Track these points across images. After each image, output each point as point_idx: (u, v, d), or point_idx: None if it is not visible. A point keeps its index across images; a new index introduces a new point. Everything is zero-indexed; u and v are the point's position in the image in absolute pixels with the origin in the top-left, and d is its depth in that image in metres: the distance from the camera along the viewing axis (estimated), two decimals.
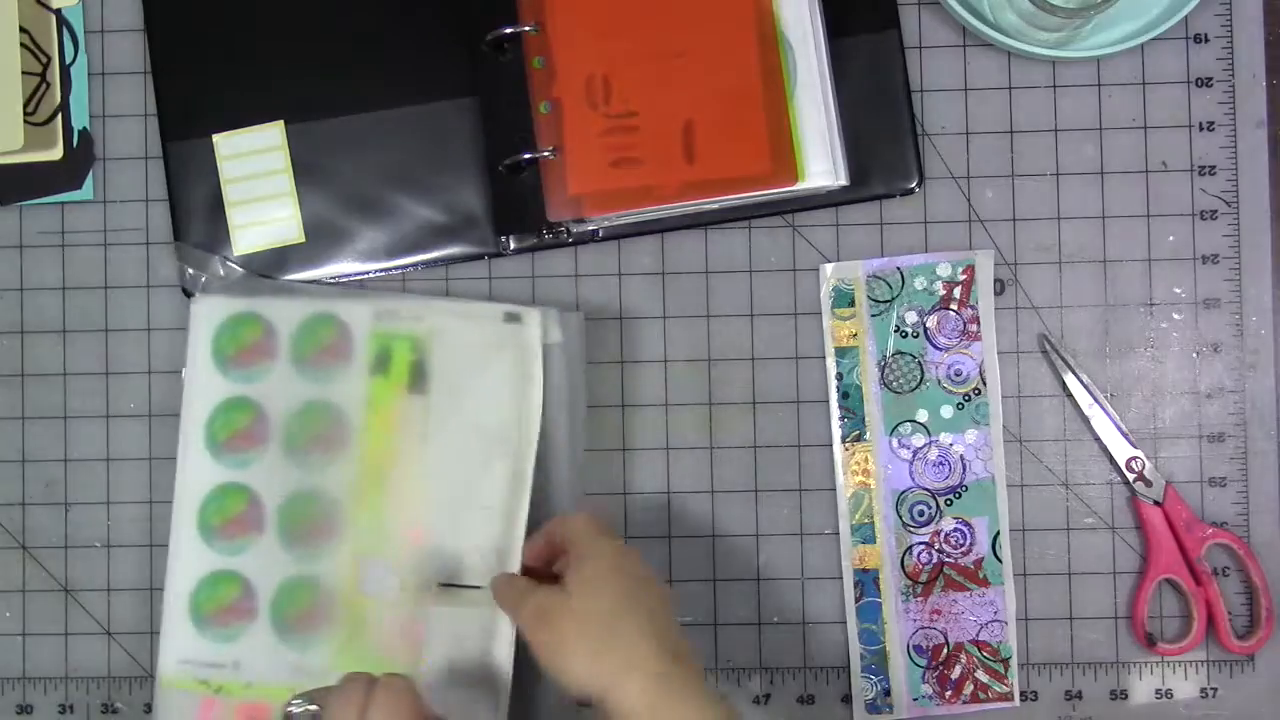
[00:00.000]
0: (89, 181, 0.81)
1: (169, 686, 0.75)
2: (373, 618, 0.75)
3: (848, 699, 0.79)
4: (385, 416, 0.75)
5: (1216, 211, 0.80)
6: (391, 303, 0.76)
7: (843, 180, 0.77)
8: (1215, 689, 0.79)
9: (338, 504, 0.75)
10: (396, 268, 0.80)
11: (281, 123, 0.80)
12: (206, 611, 0.76)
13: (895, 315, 0.80)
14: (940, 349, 0.80)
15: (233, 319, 0.76)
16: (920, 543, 0.79)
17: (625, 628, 0.64)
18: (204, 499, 0.76)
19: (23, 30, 0.81)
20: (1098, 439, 0.79)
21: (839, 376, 0.80)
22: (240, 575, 0.76)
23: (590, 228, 0.79)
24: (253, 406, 0.76)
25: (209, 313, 0.77)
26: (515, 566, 0.73)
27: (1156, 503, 0.79)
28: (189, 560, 0.76)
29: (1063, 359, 0.79)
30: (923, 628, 0.79)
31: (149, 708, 0.79)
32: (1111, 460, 0.79)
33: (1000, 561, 0.79)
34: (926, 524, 0.79)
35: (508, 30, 0.78)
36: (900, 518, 0.80)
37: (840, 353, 0.80)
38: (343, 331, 0.76)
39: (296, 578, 0.75)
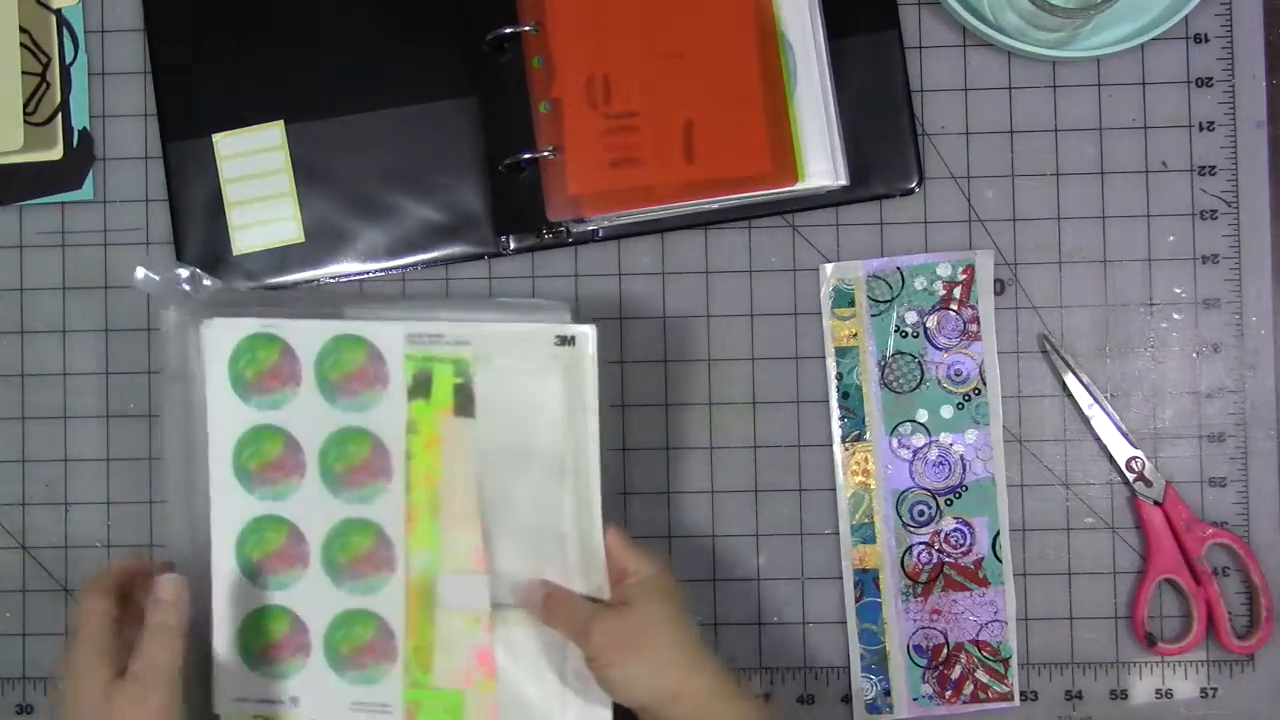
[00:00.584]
0: (89, 181, 0.81)
1: None
2: (440, 648, 0.72)
3: (848, 699, 0.79)
4: (431, 442, 0.71)
5: (1216, 211, 0.80)
6: (425, 324, 0.72)
7: (843, 180, 0.77)
8: (1215, 689, 0.79)
9: (388, 534, 0.72)
10: (396, 268, 0.80)
11: (281, 123, 0.80)
12: (256, 648, 0.73)
13: (895, 315, 0.80)
14: (940, 349, 0.80)
15: (248, 341, 0.72)
16: (920, 543, 0.79)
17: (686, 634, 0.67)
18: (240, 533, 0.73)
19: (23, 30, 0.80)
20: (1098, 439, 0.79)
21: (839, 376, 0.80)
22: (288, 611, 0.73)
23: (590, 228, 0.79)
24: (281, 435, 0.72)
25: (221, 336, 0.72)
26: (604, 593, 0.70)
27: (1156, 503, 0.79)
28: (233, 597, 0.73)
29: (1063, 359, 0.79)
30: (923, 628, 0.79)
31: None
32: (1111, 460, 0.79)
33: (1000, 561, 0.79)
34: (926, 524, 0.79)
35: (508, 30, 0.78)
36: (900, 518, 0.80)
37: (840, 353, 0.80)
38: (373, 355, 0.71)
39: (350, 611, 0.72)
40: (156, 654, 0.66)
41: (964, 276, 0.80)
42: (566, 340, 0.71)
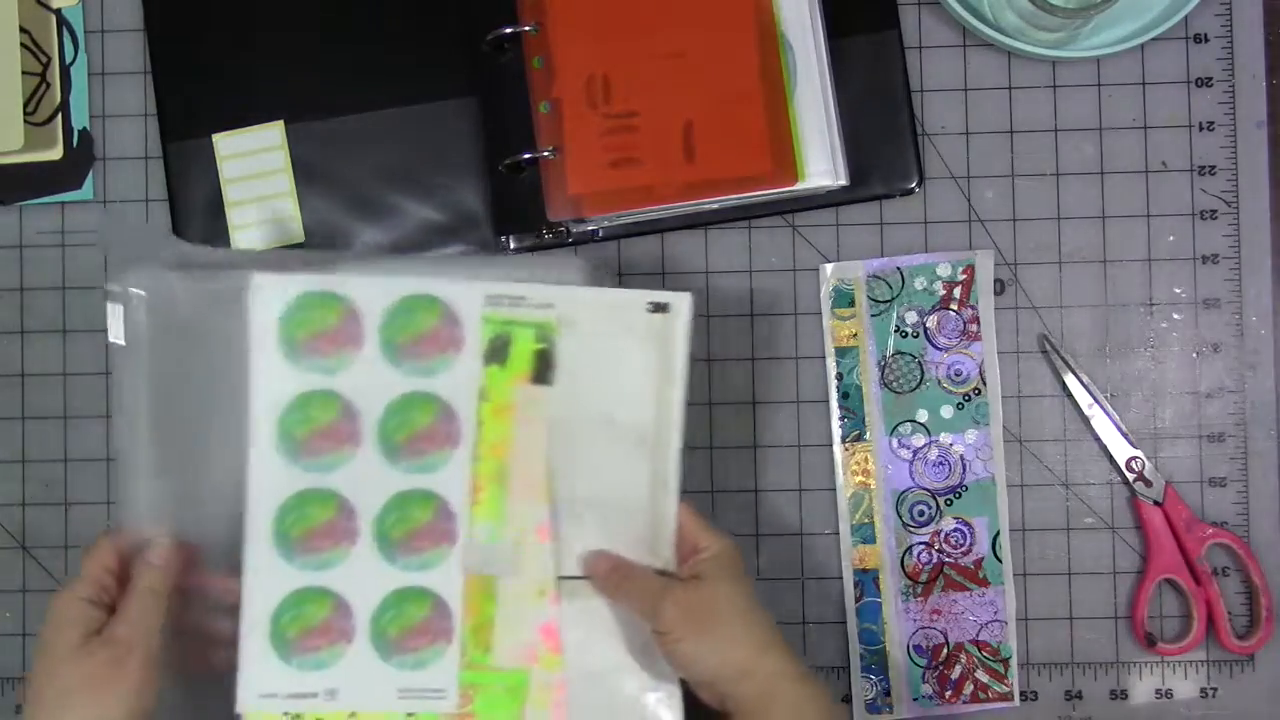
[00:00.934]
0: (89, 181, 0.81)
1: None
2: (501, 625, 0.69)
3: (848, 699, 0.79)
4: (503, 410, 0.68)
5: (1216, 211, 0.80)
6: (506, 285, 0.68)
7: (843, 180, 0.77)
8: (1215, 689, 0.79)
9: (450, 505, 0.68)
10: None
11: (281, 123, 0.80)
12: (291, 636, 0.68)
13: (895, 315, 0.80)
14: (940, 349, 0.80)
15: (304, 300, 0.67)
16: (920, 543, 0.79)
17: (757, 613, 0.66)
18: (280, 509, 0.68)
19: (23, 30, 0.81)
20: (1098, 439, 0.79)
21: (839, 376, 0.80)
22: (331, 592, 0.68)
23: (590, 228, 0.79)
24: (337, 401, 0.68)
25: (273, 293, 0.67)
26: (670, 567, 0.69)
27: (1156, 503, 0.79)
28: (266, 580, 0.67)
29: (1063, 359, 0.79)
30: (923, 628, 0.79)
31: None
32: (1111, 460, 0.79)
33: (1000, 561, 0.79)
34: (926, 524, 0.79)
35: (508, 30, 0.78)
36: (900, 518, 0.80)
37: (840, 353, 0.80)
38: (447, 317, 0.68)
39: (403, 590, 0.68)
40: (140, 617, 0.64)
41: (964, 276, 0.80)
42: (660, 307, 0.68)
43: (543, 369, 0.68)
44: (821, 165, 0.77)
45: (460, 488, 0.68)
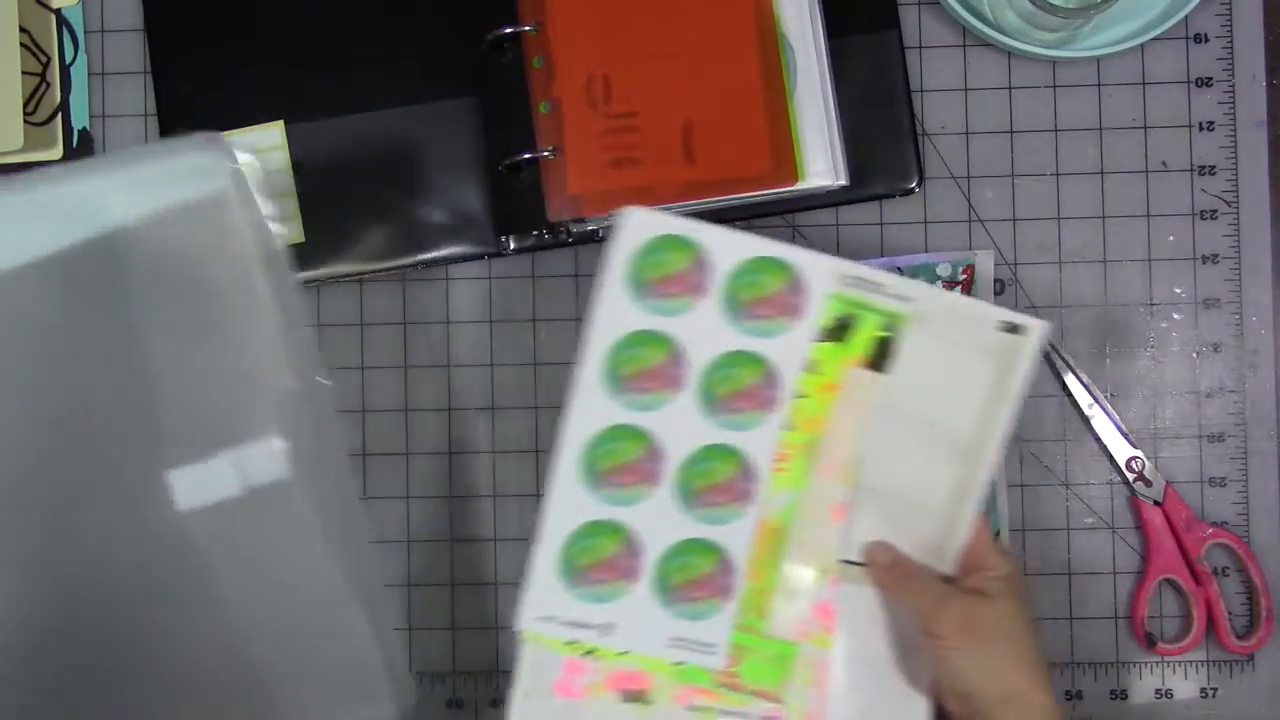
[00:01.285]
0: None
1: (530, 641, 0.69)
2: (781, 595, 0.69)
3: None
4: (828, 387, 0.68)
5: (1216, 211, 0.80)
6: (864, 269, 0.69)
7: (843, 180, 0.77)
8: (1215, 689, 0.79)
9: (754, 466, 0.68)
10: (396, 267, 0.80)
11: (281, 123, 0.80)
12: (580, 565, 0.68)
13: None
14: None
15: (661, 240, 0.68)
16: None
17: (1035, 642, 0.65)
18: (594, 439, 0.68)
19: (23, 30, 0.80)
20: (1098, 439, 0.79)
21: None
22: (626, 528, 0.68)
23: (590, 228, 0.79)
24: (669, 345, 0.68)
25: (638, 228, 0.68)
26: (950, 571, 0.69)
27: (1156, 503, 0.79)
28: (566, 505, 0.68)
29: (1063, 359, 0.79)
30: None
31: None
32: (1111, 460, 0.79)
33: None
34: None
35: (508, 30, 0.78)
36: None
37: None
38: (795, 285, 0.68)
39: (694, 540, 0.68)
40: None
41: (964, 276, 0.80)
42: (1014, 329, 0.68)
43: (880, 357, 0.69)
44: (821, 165, 0.77)
45: (768, 451, 0.69)
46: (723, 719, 0.69)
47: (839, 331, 0.68)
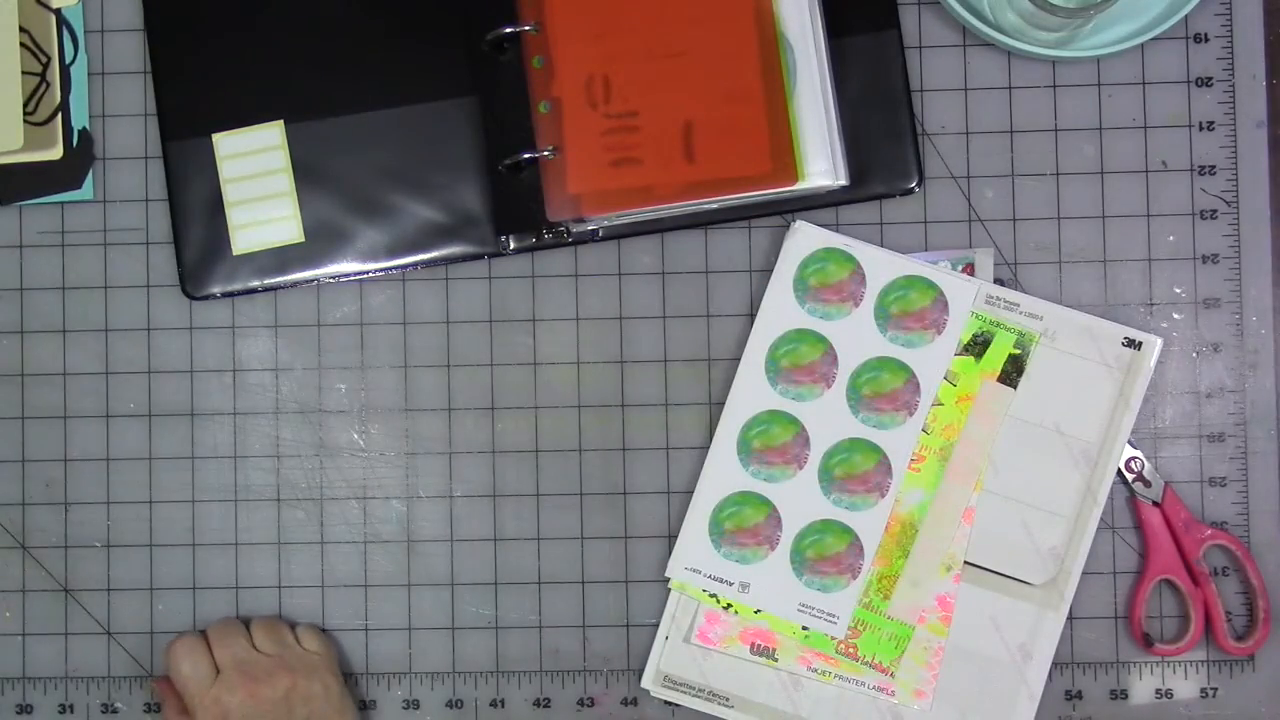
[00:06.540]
0: (89, 181, 0.81)
1: (675, 589, 0.77)
2: (905, 582, 0.76)
3: None
4: (964, 398, 0.77)
5: (1216, 211, 0.80)
6: (1004, 290, 0.77)
7: (843, 180, 0.77)
8: (1215, 689, 0.79)
9: (891, 462, 0.77)
10: (396, 267, 0.80)
11: (281, 123, 0.80)
12: (727, 527, 0.77)
13: None
14: None
15: (825, 252, 0.78)
16: None
17: None
18: (750, 419, 0.77)
19: (23, 30, 0.81)
20: None
21: None
22: (770, 502, 0.77)
23: (590, 228, 0.79)
24: (823, 344, 0.77)
25: (804, 239, 0.78)
26: (1075, 577, 0.77)
27: (1155, 503, 0.79)
28: (721, 473, 0.77)
29: None
30: None
31: (149, 707, 0.80)
32: None
33: None
34: None
35: (508, 30, 0.78)
36: None
37: None
38: (940, 303, 0.77)
39: (829, 521, 0.77)
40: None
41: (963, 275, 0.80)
42: (1134, 344, 0.77)
43: (1011, 371, 0.77)
44: (821, 165, 0.77)
45: (905, 451, 0.77)
46: (839, 682, 0.77)
47: (978, 347, 0.77)
